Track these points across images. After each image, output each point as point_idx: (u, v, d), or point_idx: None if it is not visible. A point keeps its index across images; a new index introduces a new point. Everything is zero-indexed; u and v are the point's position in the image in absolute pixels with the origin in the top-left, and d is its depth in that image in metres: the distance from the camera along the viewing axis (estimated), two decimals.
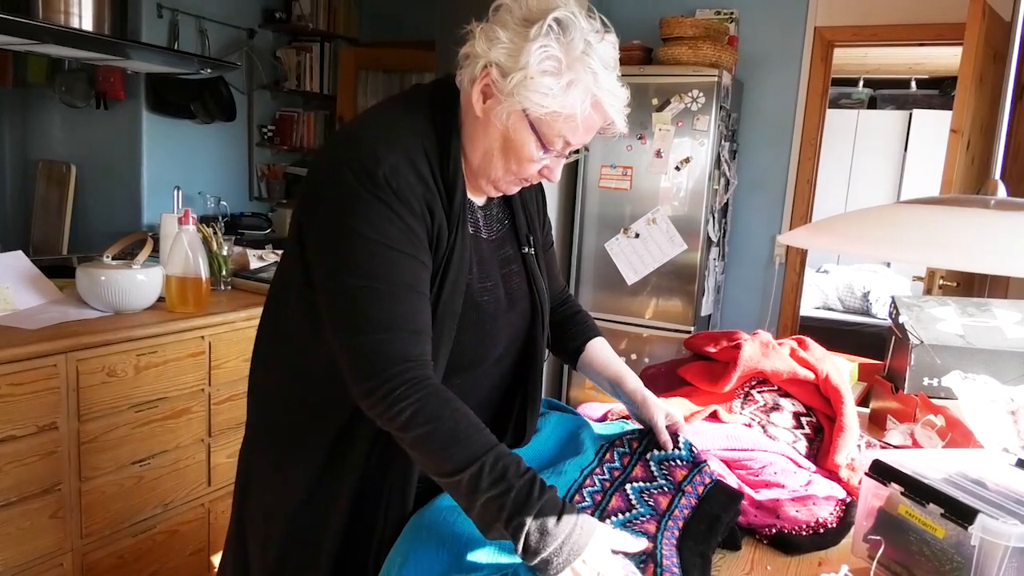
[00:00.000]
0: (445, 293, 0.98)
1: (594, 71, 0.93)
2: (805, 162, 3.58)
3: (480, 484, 0.86)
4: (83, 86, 3.87)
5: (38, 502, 1.70)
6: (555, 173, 1.03)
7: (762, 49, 3.57)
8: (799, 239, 0.87)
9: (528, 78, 0.91)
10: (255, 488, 1.12)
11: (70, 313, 1.87)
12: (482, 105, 0.97)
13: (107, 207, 4.01)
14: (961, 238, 0.66)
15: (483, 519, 0.88)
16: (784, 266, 3.67)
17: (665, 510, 1.05)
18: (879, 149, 5.99)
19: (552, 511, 0.86)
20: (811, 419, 1.38)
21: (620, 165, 3.39)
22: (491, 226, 1.12)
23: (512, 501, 0.85)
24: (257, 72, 4.44)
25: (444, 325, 0.99)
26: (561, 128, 0.95)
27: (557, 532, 0.85)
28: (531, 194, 1.20)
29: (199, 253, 1.99)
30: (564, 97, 0.93)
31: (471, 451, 0.88)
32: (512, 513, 0.85)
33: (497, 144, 0.99)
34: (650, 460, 1.13)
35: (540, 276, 1.17)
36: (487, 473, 0.86)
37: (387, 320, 0.91)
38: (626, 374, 1.23)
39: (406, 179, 0.93)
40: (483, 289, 1.06)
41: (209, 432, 2.09)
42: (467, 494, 0.88)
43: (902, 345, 1.56)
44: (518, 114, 0.95)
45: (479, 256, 1.07)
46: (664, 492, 1.09)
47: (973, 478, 0.98)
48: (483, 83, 0.95)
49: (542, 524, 0.85)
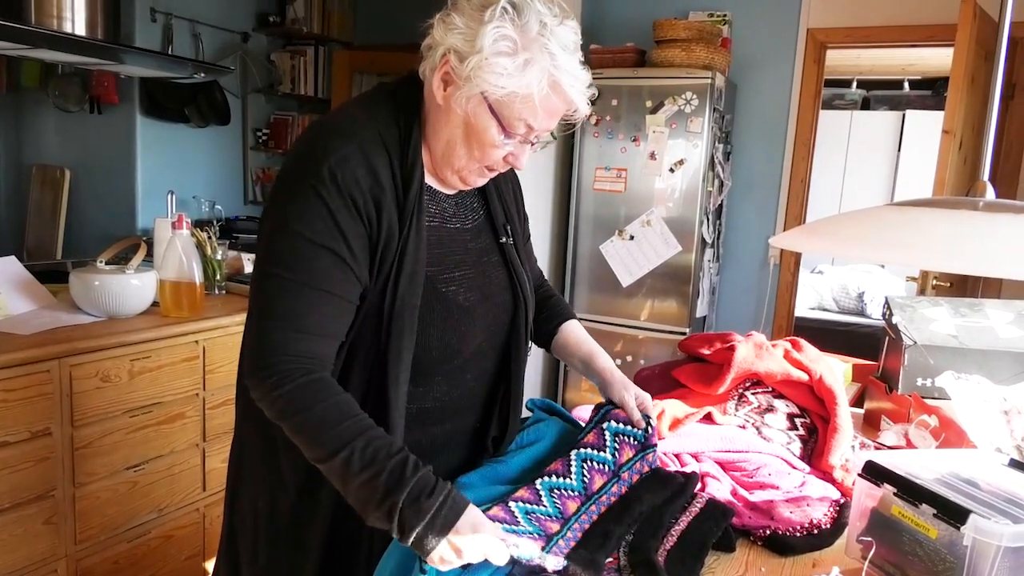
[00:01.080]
0: (401, 286, 0.98)
1: (551, 52, 0.94)
2: (799, 163, 3.59)
3: (351, 468, 0.87)
4: (77, 90, 3.86)
5: (32, 508, 1.69)
6: (520, 160, 1.04)
7: (755, 51, 3.58)
8: (791, 242, 0.88)
9: (484, 60, 0.93)
10: (245, 490, 1.12)
11: (63, 318, 1.87)
12: (443, 93, 0.98)
13: (101, 211, 4.00)
14: (950, 241, 0.66)
15: (359, 503, 0.88)
16: (779, 267, 3.68)
17: (595, 492, 1.05)
18: (873, 150, 6.01)
19: (424, 489, 0.86)
20: (805, 420, 1.38)
21: (614, 167, 3.40)
22: (464, 215, 1.12)
23: (384, 483, 0.86)
24: (251, 76, 4.43)
25: (403, 319, 0.99)
26: (520, 110, 0.96)
27: (427, 507, 0.85)
28: (506, 185, 1.20)
29: (193, 258, 1.99)
30: (520, 77, 0.93)
31: (342, 437, 0.88)
32: (384, 494, 0.86)
33: (459, 131, 1.00)
34: (605, 429, 1.13)
35: (521, 266, 1.17)
36: (357, 458, 0.87)
37: (283, 312, 0.93)
38: (597, 353, 1.25)
39: (353, 173, 0.94)
40: (449, 280, 1.06)
41: (204, 437, 2.08)
42: (340, 479, 0.89)
43: (896, 345, 1.57)
44: (477, 98, 0.96)
45: (446, 247, 1.07)
46: (603, 472, 1.08)
47: (965, 478, 0.98)
48: (443, 71, 0.97)
49: (414, 502, 0.85)
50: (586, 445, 1.11)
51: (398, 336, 0.98)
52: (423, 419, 1.08)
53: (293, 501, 1.04)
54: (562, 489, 1.04)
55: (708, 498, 1.12)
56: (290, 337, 0.92)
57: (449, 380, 1.09)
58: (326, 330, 0.95)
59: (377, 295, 0.99)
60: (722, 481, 1.21)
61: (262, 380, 0.92)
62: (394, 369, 0.99)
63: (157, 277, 1.99)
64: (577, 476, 1.06)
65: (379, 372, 1.00)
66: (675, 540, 1.02)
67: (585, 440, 1.12)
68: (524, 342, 1.18)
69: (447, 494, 0.87)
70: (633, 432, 1.14)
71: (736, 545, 1.07)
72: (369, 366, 1.00)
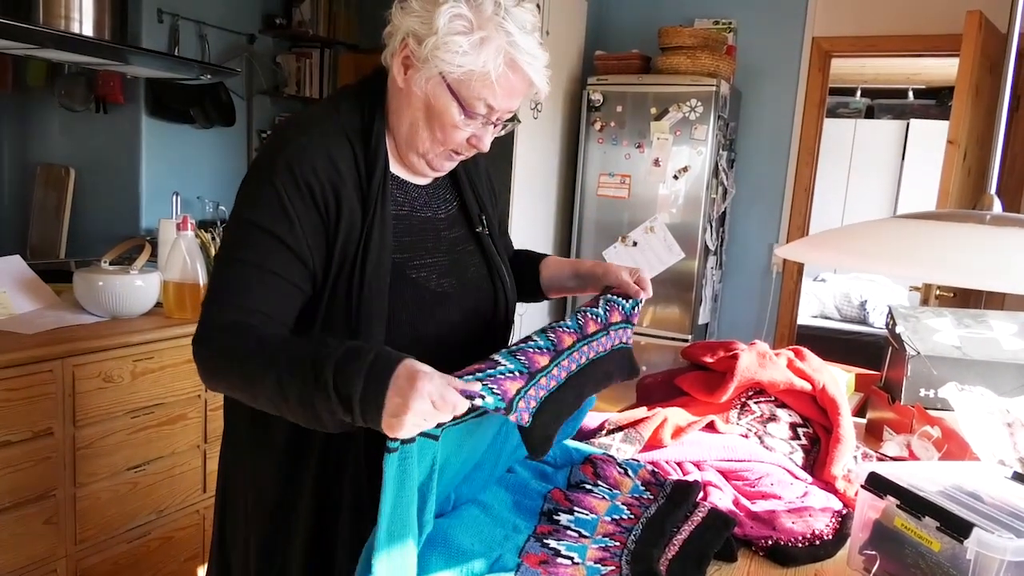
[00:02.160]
0: (368, 272, 0.99)
1: (507, 31, 0.96)
2: (803, 171, 3.59)
3: (281, 371, 0.84)
4: (82, 90, 3.87)
5: (32, 508, 1.69)
6: (483, 142, 1.05)
7: (760, 59, 3.59)
8: (797, 253, 0.88)
9: (440, 40, 0.95)
10: (234, 490, 1.13)
11: (67, 318, 1.87)
12: (403, 76, 1.01)
13: (106, 211, 4.00)
14: (957, 254, 0.66)
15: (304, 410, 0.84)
16: (781, 275, 3.67)
17: (564, 349, 1.02)
18: (876, 159, 6.00)
19: (350, 353, 0.81)
20: (808, 430, 1.38)
21: (618, 173, 3.40)
22: (436, 205, 1.13)
23: (311, 370, 0.82)
24: (257, 77, 4.44)
25: (372, 303, 1.00)
26: (479, 89, 0.98)
27: (358, 368, 0.79)
28: (479, 177, 1.21)
29: (197, 259, 1.99)
30: (477, 55, 0.95)
31: (264, 351, 0.88)
32: (315, 380, 0.81)
33: (421, 113, 1.02)
34: (600, 297, 1.15)
35: (498, 255, 1.18)
36: (284, 368, 0.84)
37: (220, 287, 0.96)
38: (581, 261, 1.28)
39: (310, 162, 0.97)
40: (419, 266, 1.07)
41: (205, 438, 2.08)
42: (282, 402, 0.85)
43: (899, 356, 1.56)
44: (436, 79, 0.98)
45: (416, 235, 1.08)
46: (569, 332, 1.05)
47: (969, 491, 0.98)
48: (402, 54, 0.99)
49: (342, 369, 0.80)
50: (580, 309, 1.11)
51: (367, 321, 1.00)
52: None
53: (277, 507, 1.05)
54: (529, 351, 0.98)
55: (710, 507, 1.12)
56: (222, 311, 0.95)
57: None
58: (262, 307, 0.96)
59: (344, 282, 1.00)
60: (724, 490, 1.21)
61: (195, 353, 0.94)
62: None
63: (161, 278, 2.00)
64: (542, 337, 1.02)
65: None
66: (677, 549, 1.02)
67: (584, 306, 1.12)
68: (507, 329, 1.20)
69: (376, 353, 0.81)
70: (621, 302, 1.16)
71: (738, 555, 1.07)
72: None
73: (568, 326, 1.05)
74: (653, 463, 1.25)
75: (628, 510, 1.09)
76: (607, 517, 1.06)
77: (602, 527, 1.04)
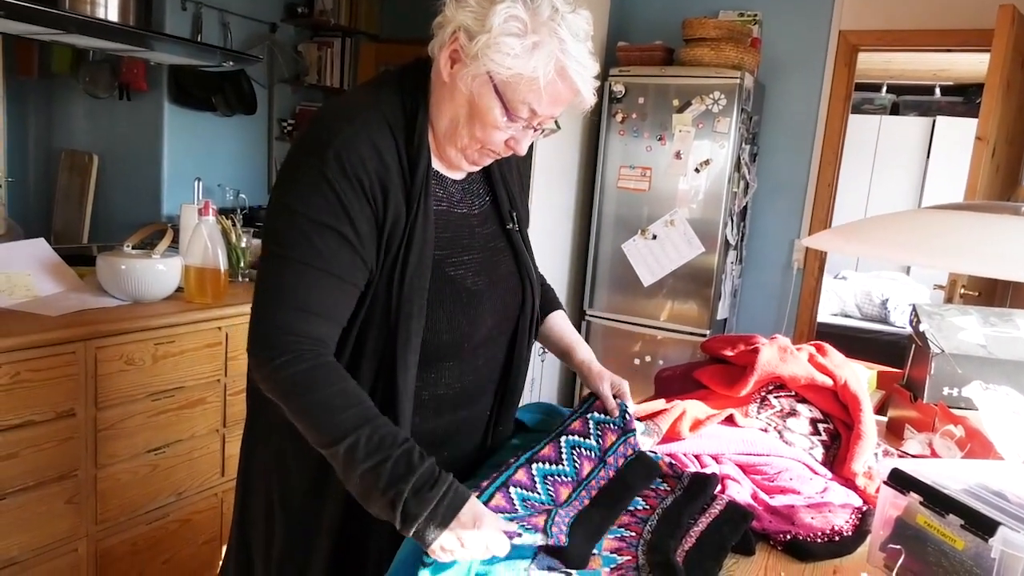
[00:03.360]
0: (410, 269, 0.98)
1: (561, 38, 0.94)
2: (826, 167, 3.54)
3: (356, 456, 0.87)
4: (107, 77, 3.91)
5: (54, 487, 1.72)
6: (521, 146, 1.04)
7: (785, 52, 3.54)
8: (823, 242, 0.86)
9: (493, 39, 0.93)
10: (257, 478, 1.13)
11: (90, 301, 1.89)
12: (449, 70, 0.98)
13: (128, 197, 4.04)
14: (990, 245, 0.65)
15: (361, 491, 0.88)
16: (802, 271, 3.64)
17: (584, 478, 1.08)
18: (901, 156, 5.92)
19: (428, 480, 0.87)
20: (828, 426, 1.37)
21: (639, 166, 3.38)
22: (471, 201, 1.12)
23: (388, 472, 0.86)
24: (278, 66, 4.46)
25: (412, 302, 0.99)
26: (525, 94, 0.96)
27: (431, 498, 0.85)
28: (511, 172, 1.20)
29: (218, 244, 2.00)
30: (528, 59, 0.93)
31: (347, 424, 0.89)
32: (388, 484, 0.86)
33: (463, 110, 0.99)
34: (589, 419, 1.17)
35: (526, 253, 1.18)
36: (363, 445, 0.87)
37: (286, 290, 0.93)
38: (577, 345, 1.27)
39: (358, 154, 0.94)
40: (457, 263, 1.06)
41: (224, 422, 2.10)
42: (344, 466, 0.89)
43: (922, 354, 1.54)
44: (483, 78, 0.96)
45: (453, 232, 1.07)
46: (591, 458, 1.12)
47: (994, 490, 0.96)
48: (451, 48, 0.97)
49: (418, 492, 0.85)
50: (573, 432, 1.14)
51: (407, 319, 0.99)
52: (437, 407, 1.08)
53: (306, 487, 1.05)
54: (555, 475, 1.07)
55: (728, 500, 1.11)
56: (294, 316, 0.93)
57: (461, 366, 1.09)
58: (329, 312, 0.95)
59: (385, 278, 0.99)
60: (742, 484, 1.20)
61: (268, 359, 0.92)
62: (403, 353, 0.99)
63: (182, 263, 2.01)
64: (568, 462, 1.09)
65: (388, 357, 1.00)
66: (694, 541, 1.01)
67: (572, 427, 1.15)
68: (532, 328, 1.20)
69: (450, 485, 0.87)
70: (612, 420, 1.18)
71: (756, 549, 1.06)
72: (379, 352, 1.00)
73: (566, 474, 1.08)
74: (671, 455, 1.25)
75: (644, 501, 1.09)
76: None
77: (618, 518, 1.04)
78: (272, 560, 1.10)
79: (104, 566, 1.85)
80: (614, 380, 1.20)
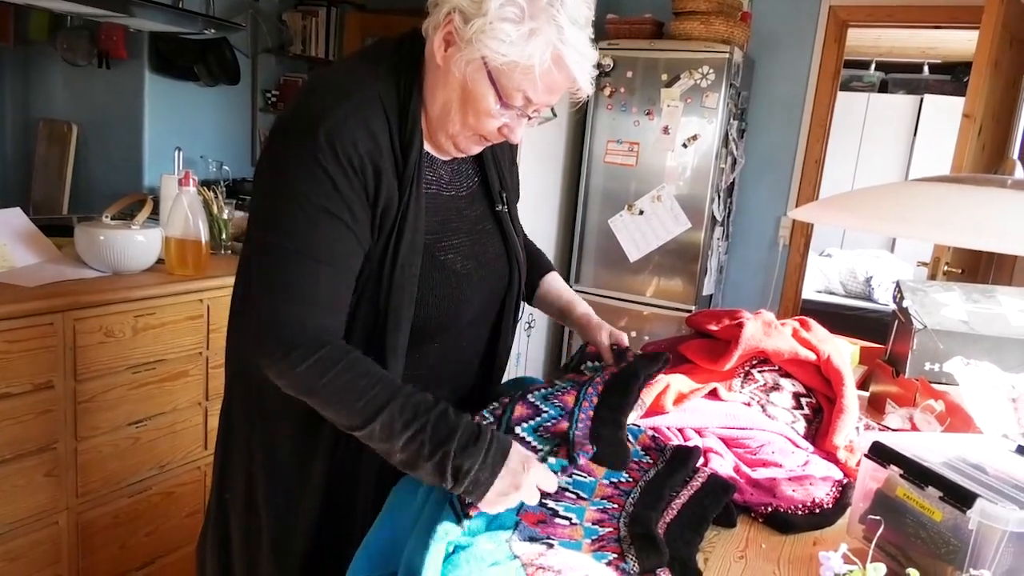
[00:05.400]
0: (402, 253, 0.97)
1: (559, 24, 0.91)
2: (814, 144, 3.54)
3: (393, 429, 0.88)
4: (85, 44, 3.81)
5: (33, 460, 1.70)
6: (515, 134, 1.01)
7: (775, 26, 3.51)
8: (810, 214, 0.85)
9: (488, 24, 0.90)
10: (237, 443, 1.12)
11: (68, 272, 1.86)
12: (443, 53, 0.95)
13: (108, 168, 3.97)
14: (977, 217, 0.64)
15: (406, 461, 0.89)
16: (788, 248, 3.65)
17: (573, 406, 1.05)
18: (888, 133, 5.93)
19: (472, 434, 0.89)
20: (811, 400, 1.37)
21: (626, 140, 3.36)
22: (460, 182, 1.10)
23: (430, 437, 0.87)
24: (262, 35, 4.37)
25: (403, 288, 0.98)
26: (520, 81, 0.93)
27: (478, 449, 0.87)
28: (503, 151, 1.17)
29: (199, 215, 1.97)
30: (524, 46, 0.90)
31: (377, 401, 0.89)
32: (434, 447, 0.87)
33: (456, 95, 0.97)
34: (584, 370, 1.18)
35: (515, 234, 1.16)
36: (397, 417, 0.88)
37: (291, 285, 0.91)
38: (575, 301, 1.28)
39: (351, 135, 0.91)
40: (447, 247, 1.05)
41: (206, 396, 2.09)
42: (383, 442, 0.89)
43: (905, 329, 1.55)
44: (477, 63, 0.93)
45: (443, 215, 1.05)
46: (567, 391, 1.08)
47: (972, 463, 0.97)
48: (445, 30, 0.94)
49: (464, 448, 0.87)
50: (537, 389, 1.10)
51: (397, 306, 0.97)
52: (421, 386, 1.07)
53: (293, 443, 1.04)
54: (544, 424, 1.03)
55: (710, 473, 1.11)
56: (303, 311, 0.91)
57: (445, 347, 1.09)
58: (334, 302, 0.94)
59: (375, 264, 0.97)
60: (725, 457, 1.20)
61: (282, 357, 0.90)
62: (392, 338, 0.98)
63: (163, 234, 1.98)
64: (548, 405, 1.06)
65: (377, 341, 0.98)
66: (675, 513, 1.02)
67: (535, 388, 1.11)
68: (516, 310, 1.19)
69: (492, 435, 0.90)
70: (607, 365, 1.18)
71: (737, 521, 1.07)
72: (367, 336, 0.99)
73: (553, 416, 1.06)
74: (654, 429, 1.25)
75: (627, 474, 1.09)
76: (605, 480, 1.06)
77: (600, 490, 1.04)
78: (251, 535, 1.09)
79: (86, 538, 1.85)
80: (613, 332, 1.20)
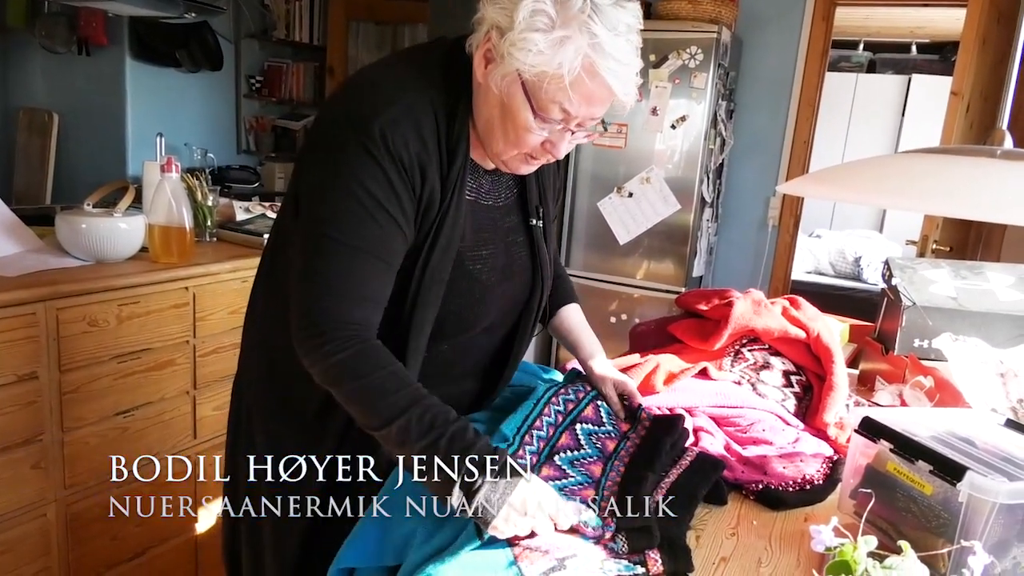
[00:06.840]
0: (434, 259, 0.97)
1: (592, 32, 0.87)
2: (802, 124, 3.53)
3: (409, 435, 0.87)
4: (64, 30, 3.75)
5: (19, 452, 1.68)
6: (558, 149, 0.98)
7: (763, 5, 3.49)
8: (799, 188, 0.85)
9: (519, 36, 0.88)
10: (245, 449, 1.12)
11: (50, 261, 1.83)
12: (483, 70, 0.94)
13: (91, 157, 3.92)
14: (967, 187, 0.63)
15: (417, 471, 0.88)
16: (777, 228, 3.65)
17: (611, 453, 1.08)
18: (876, 113, 5.93)
19: (487, 452, 0.87)
20: (801, 378, 1.37)
21: (615, 123, 3.33)
22: (498, 192, 1.09)
23: (445, 448, 0.86)
24: (245, 20, 4.31)
25: (431, 291, 0.98)
26: (554, 92, 0.90)
27: (491, 470, 0.86)
28: (549, 166, 1.14)
29: (183, 202, 1.94)
30: (552, 56, 0.87)
31: (398, 405, 0.88)
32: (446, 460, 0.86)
33: (496, 111, 0.95)
34: (600, 407, 1.16)
35: (545, 250, 1.15)
36: (415, 424, 0.87)
37: (338, 277, 0.91)
38: (582, 344, 1.25)
39: (402, 135, 0.91)
40: (476, 257, 1.04)
41: (194, 384, 2.07)
42: (398, 445, 0.88)
43: (894, 307, 1.55)
44: (512, 76, 0.91)
45: (477, 224, 1.05)
46: (611, 437, 1.11)
47: (962, 436, 0.97)
48: (485, 48, 0.93)
49: (479, 464, 0.86)
50: (585, 420, 1.13)
51: (422, 308, 0.98)
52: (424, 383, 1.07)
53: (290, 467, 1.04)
54: (582, 459, 1.06)
55: (699, 452, 1.11)
56: (345, 304, 0.91)
57: (455, 349, 1.09)
58: (377, 296, 0.94)
59: (406, 264, 0.97)
60: (716, 436, 1.20)
61: (318, 345, 0.90)
62: (414, 340, 0.99)
63: (146, 221, 1.95)
64: (589, 446, 1.09)
65: (397, 340, 0.98)
66: (665, 492, 1.02)
67: (583, 415, 1.13)
68: (534, 322, 1.18)
69: (507, 459, 0.88)
70: None
71: (728, 499, 1.07)
72: (388, 333, 0.98)
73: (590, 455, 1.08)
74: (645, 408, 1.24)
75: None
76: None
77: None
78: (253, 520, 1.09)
79: (75, 530, 1.83)
80: (616, 381, 1.19)
